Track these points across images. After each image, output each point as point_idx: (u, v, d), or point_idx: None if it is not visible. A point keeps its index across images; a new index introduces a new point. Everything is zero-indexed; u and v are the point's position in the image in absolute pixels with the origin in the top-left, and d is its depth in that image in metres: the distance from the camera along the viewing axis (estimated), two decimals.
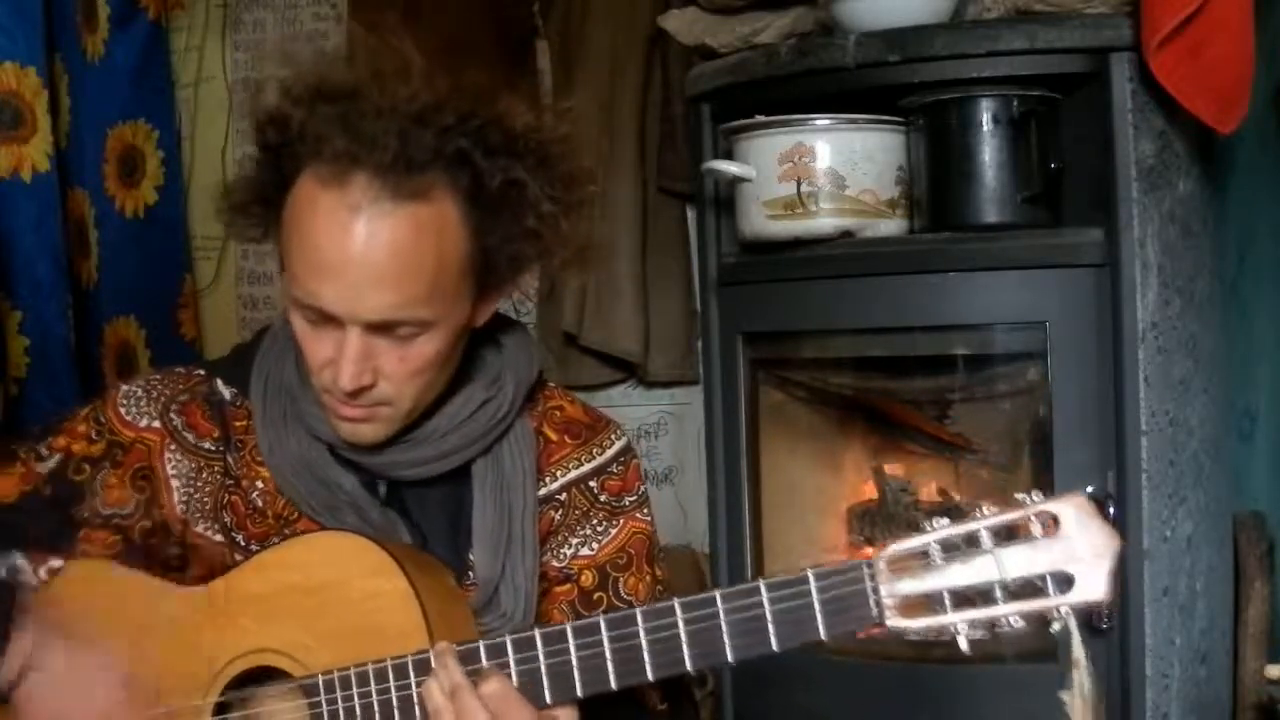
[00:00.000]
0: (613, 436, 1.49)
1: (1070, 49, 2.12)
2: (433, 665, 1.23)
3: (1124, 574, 2.09)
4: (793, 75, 2.28)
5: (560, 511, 1.45)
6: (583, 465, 1.46)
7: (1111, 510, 2.09)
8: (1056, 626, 1.16)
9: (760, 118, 2.28)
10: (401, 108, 1.26)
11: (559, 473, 1.46)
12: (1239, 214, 2.41)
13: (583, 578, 1.44)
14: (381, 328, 1.28)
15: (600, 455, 1.47)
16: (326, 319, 1.29)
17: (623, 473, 1.48)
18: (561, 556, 1.45)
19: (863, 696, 2.29)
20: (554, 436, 1.47)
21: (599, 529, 1.45)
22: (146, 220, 3.24)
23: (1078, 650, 1.17)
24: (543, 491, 1.45)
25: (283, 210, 1.31)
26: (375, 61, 1.30)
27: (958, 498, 2.45)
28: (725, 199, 2.44)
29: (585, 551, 1.45)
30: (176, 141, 3.40)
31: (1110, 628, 2.09)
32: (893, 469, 2.53)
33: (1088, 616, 2.06)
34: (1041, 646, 2.20)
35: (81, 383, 2.86)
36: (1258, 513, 2.35)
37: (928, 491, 2.47)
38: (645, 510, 1.48)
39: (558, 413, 1.49)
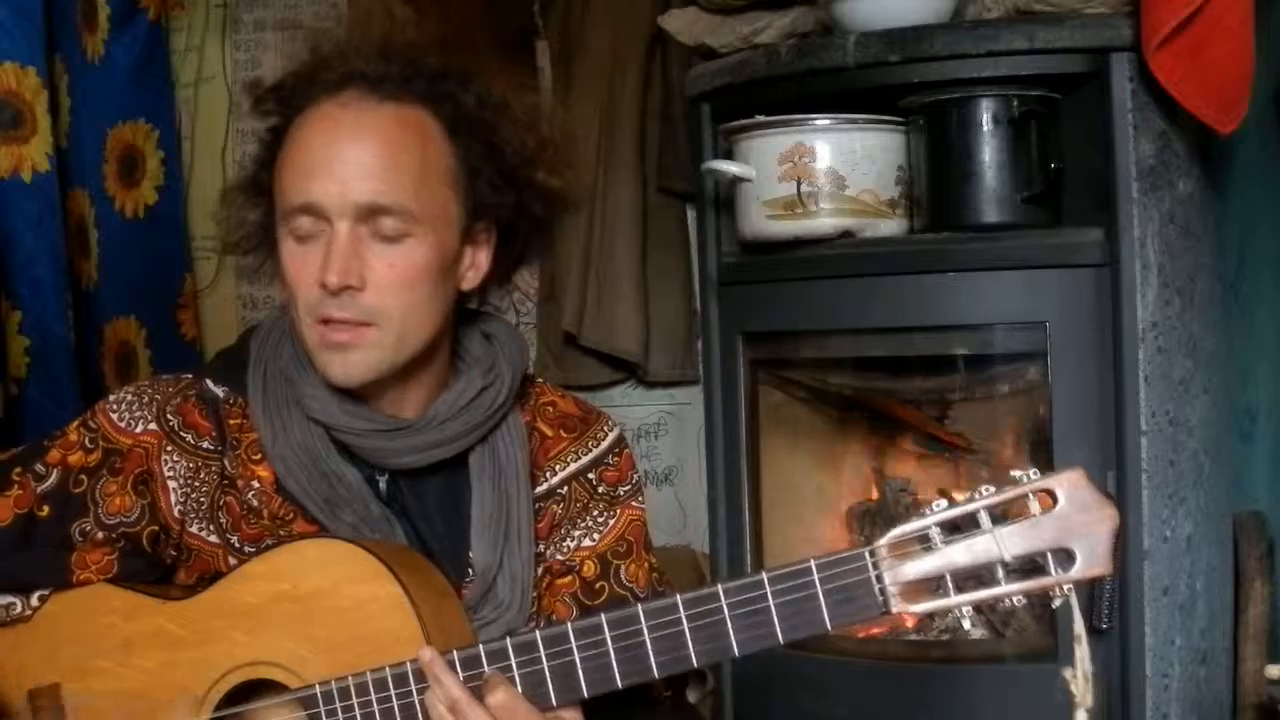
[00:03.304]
0: (606, 428, 1.52)
1: (1070, 49, 2.12)
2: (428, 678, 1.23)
3: (1124, 574, 2.09)
4: (793, 75, 2.27)
5: (562, 505, 1.47)
6: (580, 459, 1.49)
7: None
8: (1058, 602, 1.17)
9: (760, 118, 2.28)
10: (391, 43, 1.37)
11: (558, 467, 1.48)
12: (1239, 214, 2.41)
13: (584, 568, 1.45)
14: (369, 216, 1.31)
15: (596, 448, 1.50)
16: (315, 227, 1.32)
17: (617, 463, 1.50)
18: (564, 549, 1.46)
19: (863, 696, 2.29)
20: (549, 432, 1.49)
21: (599, 520, 1.47)
22: (146, 220, 3.23)
23: (1079, 626, 1.17)
24: (543, 487, 1.47)
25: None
26: (367, 24, 1.42)
27: (959, 498, 2.44)
28: (725, 199, 2.43)
29: (587, 542, 1.46)
30: (176, 141, 3.39)
31: (1110, 628, 2.09)
32: (893, 469, 2.52)
33: (1088, 606, 2.07)
34: (1042, 646, 2.20)
35: (81, 383, 2.86)
36: (1258, 513, 2.35)
37: (928, 491, 2.47)
38: (640, 498, 1.51)
39: (550, 408, 1.51)
